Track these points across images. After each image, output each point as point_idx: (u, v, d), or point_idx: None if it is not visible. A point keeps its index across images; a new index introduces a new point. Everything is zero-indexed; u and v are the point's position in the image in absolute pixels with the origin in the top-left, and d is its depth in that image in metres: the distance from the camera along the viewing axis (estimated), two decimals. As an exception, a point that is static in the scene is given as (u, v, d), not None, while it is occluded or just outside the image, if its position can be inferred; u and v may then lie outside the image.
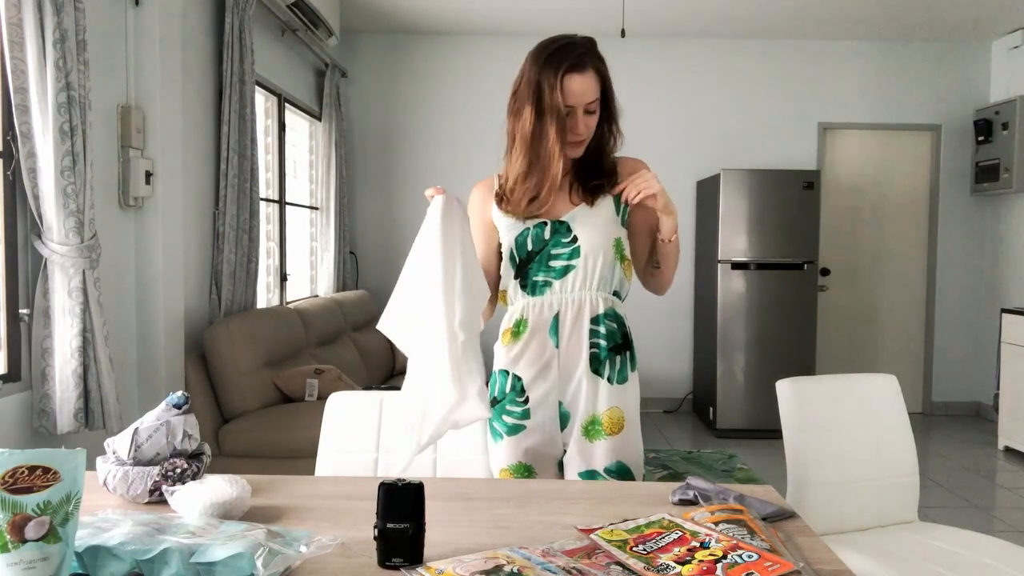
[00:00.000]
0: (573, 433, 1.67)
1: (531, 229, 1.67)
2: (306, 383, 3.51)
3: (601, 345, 1.66)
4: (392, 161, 5.87)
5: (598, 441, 1.65)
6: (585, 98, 1.61)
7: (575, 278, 1.66)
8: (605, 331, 1.66)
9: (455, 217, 1.51)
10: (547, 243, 1.67)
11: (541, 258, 1.67)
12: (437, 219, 1.49)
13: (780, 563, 0.99)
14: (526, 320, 1.68)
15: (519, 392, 1.68)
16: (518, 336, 1.68)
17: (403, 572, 1.02)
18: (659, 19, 5.35)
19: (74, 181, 2.33)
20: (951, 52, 5.82)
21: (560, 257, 1.66)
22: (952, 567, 1.74)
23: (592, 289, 1.66)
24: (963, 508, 3.79)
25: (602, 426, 1.65)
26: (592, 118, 1.65)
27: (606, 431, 1.65)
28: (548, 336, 1.66)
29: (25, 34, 2.21)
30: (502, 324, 1.74)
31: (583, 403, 1.66)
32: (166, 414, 1.37)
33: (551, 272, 1.66)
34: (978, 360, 5.87)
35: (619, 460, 1.65)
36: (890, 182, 5.92)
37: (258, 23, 4.09)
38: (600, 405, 1.65)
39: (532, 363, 1.67)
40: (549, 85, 1.60)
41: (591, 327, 1.65)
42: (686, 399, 5.89)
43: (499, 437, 1.70)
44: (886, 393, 2.07)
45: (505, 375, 1.70)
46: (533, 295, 1.68)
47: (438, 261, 1.46)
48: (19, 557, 0.91)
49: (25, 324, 2.42)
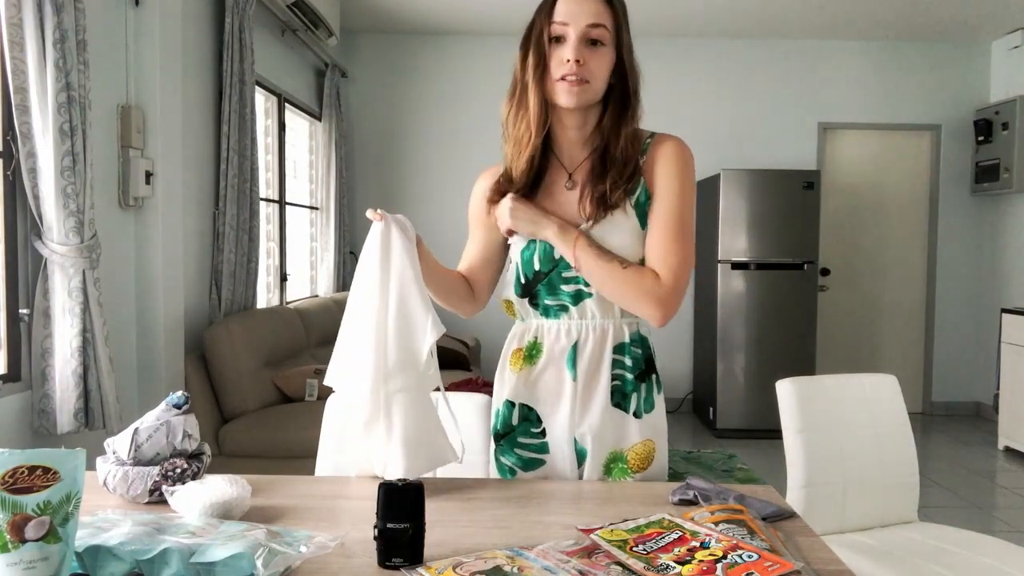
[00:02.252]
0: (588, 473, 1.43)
1: (539, 244, 1.39)
2: (306, 383, 3.51)
3: (627, 378, 1.41)
4: (392, 161, 5.87)
5: (623, 480, 1.42)
6: (580, 20, 1.28)
7: (594, 305, 1.39)
8: (631, 361, 1.41)
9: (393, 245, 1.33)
10: (557, 264, 1.39)
11: (551, 280, 1.40)
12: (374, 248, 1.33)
13: (780, 563, 0.99)
14: (540, 345, 1.43)
15: (535, 423, 1.45)
16: (532, 362, 1.44)
17: (403, 572, 1.02)
18: (659, 19, 5.35)
19: (74, 181, 2.33)
20: (951, 52, 5.82)
21: (571, 281, 1.39)
22: (952, 567, 1.74)
23: (615, 316, 1.40)
24: (963, 508, 3.79)
25: (627, 463, 1.42)
26: (596, 52, 1.31)
27: (633, 468, 1.41)
28: (565, 367, 1.41)
29: (25, 34, 2.21)
30: (510, 341, 1.49)
31: (603, 440, 1.41)
32: (166, 414, 1.37)
33: (563, 296, 1.40)
34: (978, 360, 5.86)
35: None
36: (890, 182, 5.92)
37: (258, 23, 4.09)
38: (626, 441, 1.42)
39: (548, 392, 1.44)
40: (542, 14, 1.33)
41: (614, 357, 1.40)
42: (686, 399, 5.89)
43: (510, 474, 1.47)
44: (886, 393, 2.07)
45: (511, 407, 1.46)
46: (547, 317, 1.43)
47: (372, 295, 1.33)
48: (19, 557, 0.91)
49: (25, 324, 2.42)
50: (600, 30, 1.30)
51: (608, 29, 1.31)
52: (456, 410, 1.46)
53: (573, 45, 1.29)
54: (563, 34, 1.31)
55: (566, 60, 1.30)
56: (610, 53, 1.33)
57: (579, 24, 1.29)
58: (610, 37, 1.32)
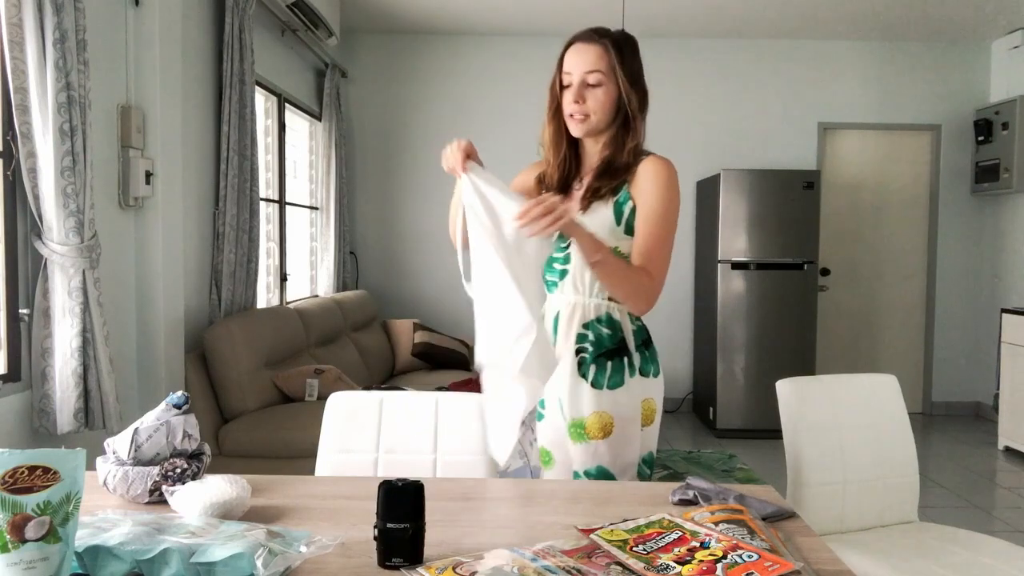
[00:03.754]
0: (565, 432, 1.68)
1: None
2: (306, 383, 3.51)
3: (588, 350, 1.65)
4: (392, 161, 5.87)
5: (580, 444, 1.64)
6: (581, 67, 1.62)
7: (571, 282, 1.69)
8: (594, 336, 1.65)
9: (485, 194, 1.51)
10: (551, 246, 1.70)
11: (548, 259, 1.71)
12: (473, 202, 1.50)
13: (780, 563, 0.99)
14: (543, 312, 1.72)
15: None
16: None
17: (403, 572, 1.02)
18: (659, 19, 5.35)
19: (74, 181, 2.33)
20: (951, 52, 5.82)
21: (558, 261, 1.71)
22: (952, 567, 1.74)
23: (586, 295, 1.67)
24: (963, 508, 3.79)
25: (585, 429, 1.63)
26: (595, 93, 1.63)
27: (590, 435, 1.63)
28: (551, 333, 1.70)
29: (25, 34, 2.21)
30: None
31: (568, 404, 1.65)
32: (166, 414, 1.37)
33: (554, 273, 1.72)
34: (978, 360, 5.86)
35: (600, 465, 1.63)
36: (890, 182, 5.92)
37: (258, 23, 4.09)
38: (584, 408, 1.63)
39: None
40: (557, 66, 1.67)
41: (580, 331, 1.66)
42: (686, 399, 5.89)
43: (540, 417, 1.77)
44: (886, 393, 2.07)
45: None
46: (548, 291, 1.74)
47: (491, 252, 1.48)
48: (19, 557, 0.91)
49: (25, 324, 2.42)
50: (596, 74, 1.62)
51: (603, 71, 1.62)
52: (456, 410, 1.47)
53: (574, 90, 1.64)
54: (569, 81, 1.65)
55: (572, 102, 1.65)
56: (609, 89, 1.64)
57: (579, 71, 1.63)
58: (607, 76, 1.63)
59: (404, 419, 1.76)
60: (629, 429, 1.64)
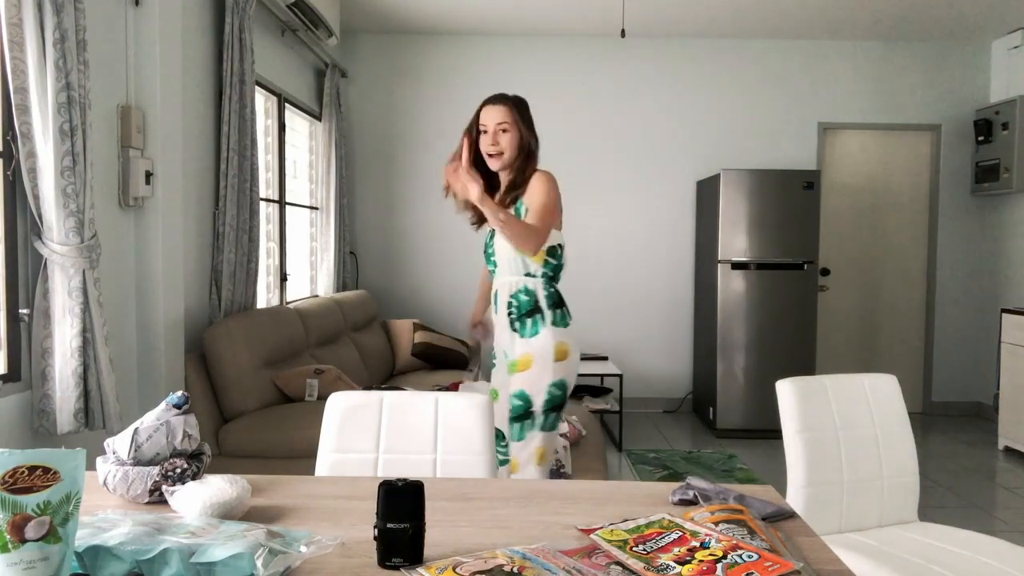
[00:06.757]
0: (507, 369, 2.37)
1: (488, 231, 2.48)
2: (306, 383, 3.51)
3: (515, 312, 2.36)
4: (392, 161, 5.87)
5: (513, 375, 2.34)
6: (492, 121, 2.34)
7: (500, 268, 2.40)
8: (517, 303, 2.36)
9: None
10: (487, 243, 2.45)
11: (488, 253, 2.46)
12: None
13: (780, 563, 0.99)
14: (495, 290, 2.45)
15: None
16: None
17: (403, 572, 1.02)
18: (659, 19, 5.35)
19: (74, 181, 2.33)
20: (951, 52, 5.82)
21: (491, 254, 2.44)
22: (952, 567, 1.74)
23: (508, 275, 2.37)
24: (963, 508, 3.79)
25: (516, 366, 2.33)
26: (504, 136, 2.33)
27: (518, 368, 2.33)
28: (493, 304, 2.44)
29: (25, 34, 2.21)
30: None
31: (506, 349, 2.39)
32: (166, 414, 1.37)
33: (492, 263, 2.45)
34: (978, 360, 5.87)
35: (522, 389, 2.30)
36: (890, 182, 5.92)
37: (258, 23, 4.09)
38: (516, 351, 2.35)
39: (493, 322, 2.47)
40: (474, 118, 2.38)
41: (510, 299, 2.37)
42: (686, 399, 5.89)
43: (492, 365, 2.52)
44: (886, 393, 2.07)
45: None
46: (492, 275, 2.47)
47: None
48: (19, 557, 0.91)
49: (25, 324, 2.42)
50: (505, 124, 2.34)
51: (509, 123, 2.34)
52: (456, 410, 1.47)
53: (490, 135, 2.35)
54: (485, 129, 2.36)
55: (490, 144, 2.35)
56: (514, 134, 2.35)
57: (491, 124, 2.35)
58: (512, 125, 2.35)
59: (404, 419, 1.76)
60: (544, 363, 2.31)
